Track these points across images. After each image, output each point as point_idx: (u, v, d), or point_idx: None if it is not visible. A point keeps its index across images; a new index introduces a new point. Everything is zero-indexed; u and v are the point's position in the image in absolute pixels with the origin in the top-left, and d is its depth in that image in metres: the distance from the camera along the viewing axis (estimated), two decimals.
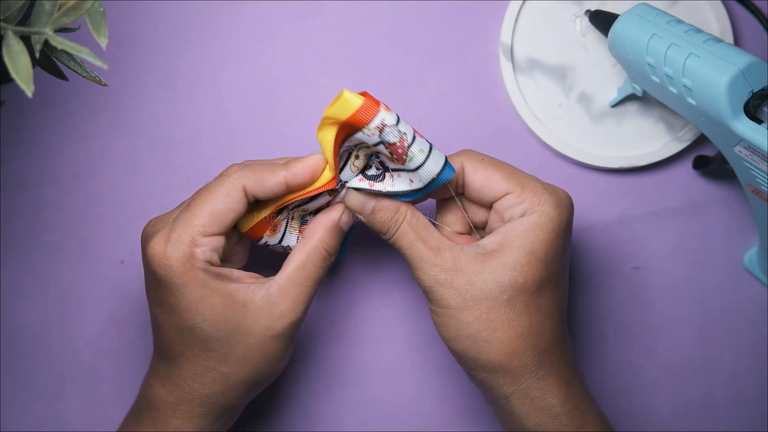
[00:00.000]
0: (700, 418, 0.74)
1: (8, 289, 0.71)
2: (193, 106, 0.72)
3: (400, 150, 0.58)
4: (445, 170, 0.59)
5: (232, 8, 0.72)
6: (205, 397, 0.60)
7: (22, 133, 0.71)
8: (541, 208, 0.60)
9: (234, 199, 0.59)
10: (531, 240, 0.59)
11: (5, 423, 0.71)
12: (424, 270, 0.60)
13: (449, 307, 0.59)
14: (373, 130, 0.58)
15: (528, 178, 0.61)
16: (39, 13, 0.50)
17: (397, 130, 0.58)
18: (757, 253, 0.73)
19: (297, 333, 0.62)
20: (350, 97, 0.57)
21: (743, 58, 0.59)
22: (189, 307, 0.58)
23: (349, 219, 0.62)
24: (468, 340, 0.59)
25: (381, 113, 0.57)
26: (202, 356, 0.60)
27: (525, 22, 0.72)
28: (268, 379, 0.62)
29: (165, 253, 0.58)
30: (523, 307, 0.59)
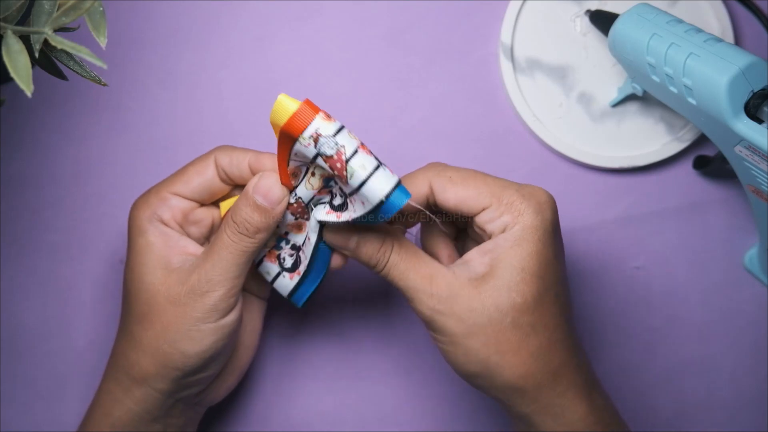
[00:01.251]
0: (700, 418, 0.74)
1: (8, 289, 0.71)
2: (193, 106, 0.72)
3: (338, 165, 0.54)
4: (395, 194, 0.54)
5: (232, 8, 0.72)
6: (119, 359, 0.61)
7: (21, 133, 0.71)
8: (522, 220, 0.58)
9: (203, 165, 0.61)
10: (520, 256, 0.57)
11: (5, 423, 0.71)
12: (421, 301, 0.58)
13: (454, 334, 0.58)
14: (307, 140, 0.54)
15: (502, 188, 0.59)
16: (38, 12, 0.50)
17: (334, 142, 0.54)
18: (757, 253, 0.73)
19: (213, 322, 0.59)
20: (285, 102, 0.54)
21: (743, 57, 0.59)
22: (128, 253, 0.61)
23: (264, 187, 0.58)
24: (478, 365, 0.58)
25: (317, 121, 0.54)
26: (124, 310, 0.61)
27: (525, 22, 0.72)
28: (171, 358, 0.59)
29: (135, 201, 0.62)
30: (529, 327, 0.58)
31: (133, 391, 0.61)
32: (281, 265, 0.63)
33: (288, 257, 0.62)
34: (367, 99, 0.72)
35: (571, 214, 0.73)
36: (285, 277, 0.63)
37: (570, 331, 0.60)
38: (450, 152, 0.72)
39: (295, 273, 0.62)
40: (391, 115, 0.72)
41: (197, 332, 0.59)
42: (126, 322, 0.61)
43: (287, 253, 0.62)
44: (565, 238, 0.73)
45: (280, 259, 0.62)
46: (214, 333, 0.59)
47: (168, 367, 0.59)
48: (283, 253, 0.62)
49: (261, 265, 0.63)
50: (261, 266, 0.63)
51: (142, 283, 0.60)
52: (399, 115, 0.72)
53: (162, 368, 0.60)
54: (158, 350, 0.59)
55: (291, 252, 0.62)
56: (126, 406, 0.61)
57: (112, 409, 0.62)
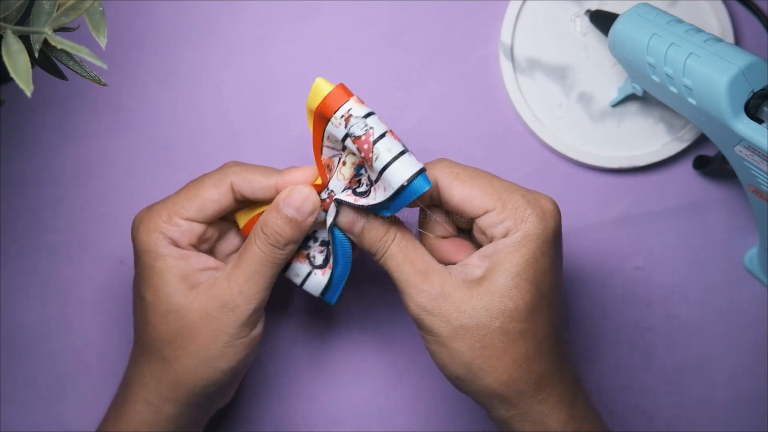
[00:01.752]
0: (700, 418, 0.74)
1: (8, 289, 0.71)
2: (193, 106, 0.72)
3: (366, 146, 0.56)
4: (418, 181, 0.55)
5: (232, 8, 0.72)
6: (149, 380, 0.60)
7: (21, 133, 0.71)
8: (524, 227, 0.57)
9: (219, 191, 0.60)
10: (517, 262, 0.57)
11: (5, 423, 0.71)
12: (411, 296, 0.58)
13: (439, 335, 0.57)
14: (339, 120, 0.56)
15: (509, 192, 0.58)
16: (38, 12, 0.50)
17: (364, 123, 0.56)
18: (757, 253, 0.73)
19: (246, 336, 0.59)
20: (321, 84, 0.57)
21: (744, 57, 0.59)
22: (143, 276, 0.60)
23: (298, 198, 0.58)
24: (462, 367, 0.58)
25: (350, 102, 0.56)
26: (148, 333, 0.60)
27: (525, 22, 0.72)
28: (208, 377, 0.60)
29: (140, 221, 0.60)
30: (518, 333, 0.57)
31: (166, 410, 0.61)
32: (312, 264, 0.62)
33: (318, 254, 0.62)
34: (367, 99, 0.72)
35: (571, 214, 0.73)
36: (317, 274, 0.62)
37: (557, 340, 0.59)
38: (450, 152, 0.72)
39: (327, 268, 0.62)
40: (391, 115, 0.72)
41: (231, 348, 0.59)
42: (153, 345, 0.60)
43: (317, 251, 0.62)
44: (565, 238, 0.73)
45: (310, 258, 0.62)
46: (247, 347, 0.60)
47: (204, 384, 0.60)
48: (312, 252, 0.62)
49: (289, 269, 0.62)
50: (289, 270, 0.62)
51: (170, 305, 0.59)
52: (399, 115, 0.72)
53: (198, 386, 0.60)
54: (195, 368, 0.59)
55: (321, 248, 0.62)
56: (158, 425, 0.61)
57: (142, 426, 0.61)
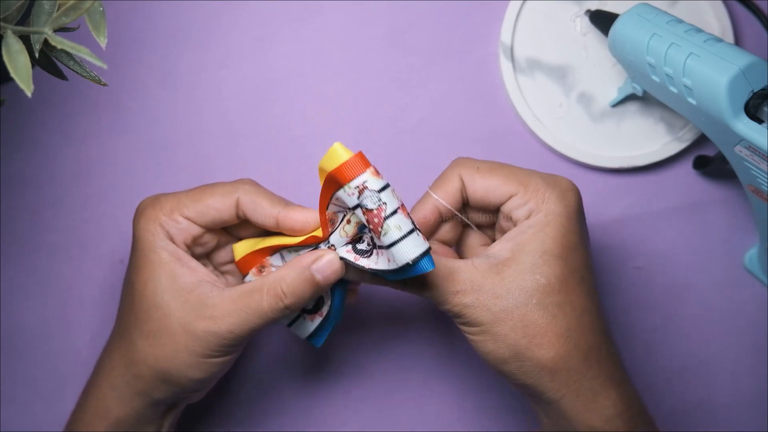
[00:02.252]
0: (700, 418, 0.74)
1: (8, 289, 0.71)
2: (193, 106, 0.72)
3: (376, 219, 0.55)
4: (423, 261, 0.55)
5: (232, 8, 0.72)
6: (118, 365, 0.61)
7: (21, 133, 0.71)
8: (546, 207, 0.59)
9: (224, 202, 0.60)
10: (542, 240, 0.58)
11: (5, 423, 0.71)
12: (449, 301, 0.58)
13: (482, 324, 0.58)
14: (353, 190, 0.55)
15: (528, 176, 0.61)
16: (38, 12, 0.50)
17: (378, 197, 0.55)
18: (757, 253, 0.73)
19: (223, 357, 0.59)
20: (339, 150, 0.56)
21: (743, 57, 0.59)
22: (137, 261, 0.61)
23: (326, 271, 0.58)
24: (508, 350, 0.58)
25: (366, 174, 0.55)
26: (129, 320, 0.60)
27: (525, 22, 0.72)
28: (177, 381, 0.60)
29: (144, 209, 0.61)
30: (557, 308, 0.58)
31: (132, 400, 0.61)
32: (303, 308, 0.61)
33: None
34: (367, 99, 0.72)
35: None
36: (305, 319, 0.62)
37: (599, 316, 0.60)
38: (450, 152, 0.72)
39: (317, 314, 0.62)
40: (391, 115, 0.72)
41: (205, 364, 0.59)
42: (129, 333, 0.61)
43: None
44: None
45: None
46: (220, 365, 0.60)
47: (171, 386, 0.60)
48: None
49: None
50: None
51: (155, 301, 0.59)
52: (399, 115, 0.72)
53: (165, 385, 0.60)
54: (164, 371, 0.59)
55: None
56: (123, 411, 0.61)
57: (107, 412, 0.62)
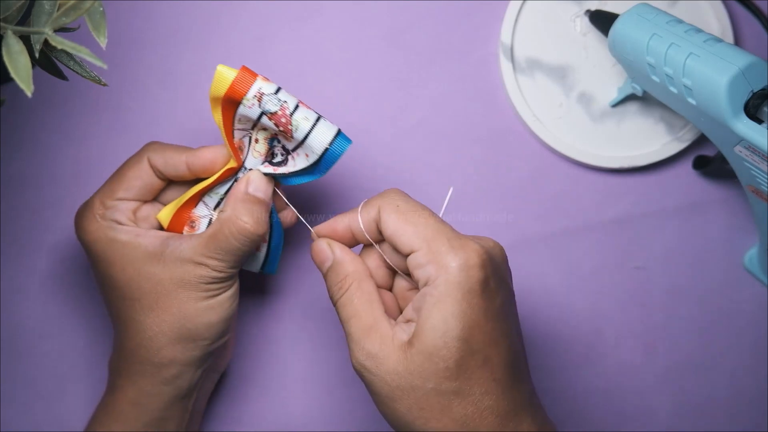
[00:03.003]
0: (700, 418, 0.74)
1: (8, 289, 0.71)
2: (193, 106, 0.72)
3: (283, 120, 0.58)
4: (338, 140, 0.59)
5: (232, 8, 0.72)
6: (134, 350, 0.61)
7: (22, 133, 0.71)
8: (445, 274, 0.54)
9: (139, 167, 0.62)
10: (442, 317, 0.54)
11: (5, 423, 0.71)
12: (353, 352, 0.56)
13: (379, 394, 0.55)
14: (251, 101, 0.58)
15: (437, 233, 0.55)
16: (38, 12, 0.50)
17: (277, 99, 0.58)
18: (757, 253, 0.73)
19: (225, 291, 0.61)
20: (224, 70, 0.58)
21: (743, 57, 0.59)
22: (103, 261, 0.61)
23: (262, 187, 0.61)
24: (404, 427, 0.55)
25: (258, 82, 0.58)
26: (124, 306, 0.61)
27: (525, 22, 0.72)
28: (197, 333, 0.61)
29: (79, 217, 0.62)
30: (453, 394, 0.54)
31: (163, 373, 0.61)
32: None
33: None
34: (367, 99, 0.72)
35: (571, 214, 0.73)
36: (253, 253, 0.63)
37: (503, 394, 0.55)
38: (450, 152, 0.72)
39: (261, 243, 0.64)
40: (391, 115, 0.72)
41: (216, 302, 0.61)
42: (129, 318, 0.61)
43: None
44: (565, 237, 0.73)
45: None
46: (231, 298, 0.62)
47: (196, 341, 0.61)
48: None
49: None
50: None
51: (140, 277, 0.60)
52: (399, 115, 0.72)
53: (190, 343, 0.61)
54: (181, 329, 0.60)
55: None
56: (156, 389, 0.62)
57: (139, 397, 0.62)
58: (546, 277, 0.73)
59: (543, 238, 0.73)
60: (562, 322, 0.73)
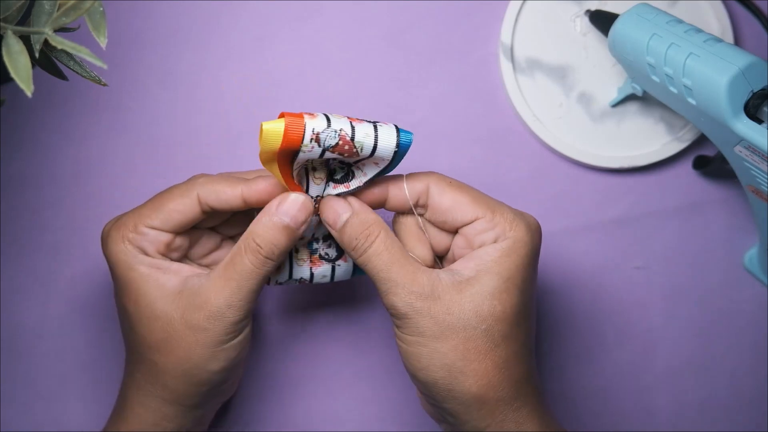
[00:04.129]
0: (700, 418, 0.74)
1: (8, 289, 0.71)
2: (193, 106, 0.72)
3: (346, 147, 0.56)
4: (402, 137, 0.57)
5: (232, 8, 0.72)
6: (144, 384, 0.61)
7: (22, 133, 0.71)
8: (514, 234, 0.58)
9: (185, 202, 0.60)
10: (507, 266, 0.58)
11: (5, 423, 0.71)
12: (400, 296, 0.57)
13: (423, 335, 0.57)
14: (310, 145, 0.55)
15: (497, 204, 0.59)
16: (38, 12, 0.50)
17: (333, 132, 0.55)
18: (757, 253, 0.73)
19: (233, 338, 0.59)
20: (271, 126, 0.55)
21: (743, 57, 0.59)
22: (120, 286, 0.61)
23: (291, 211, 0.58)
24: (441, 370, 0.57)
25: (308, 124, 0.55)
26: (133, 336, 0.60)
27: (525, 22, 0.72)
28: (200, 379, 0.60)
29: (108, 233, 0.61)
30: (501, 338, 0.57)
31: (165, 410, 0.61)
32: (329, 260, 0.62)
33: (328, 249, 0.62)
34: (367, 99, 0.72)
35: (571, 214, 0.73)
36: (341, 265, 0.62)
37: (531, 350, 0.60)
38: (450, 152, 0.72)
39: (344, 253, 0.62)
40: (391, 115, 0.72)
41: (221, 351, 0.59)
42: (141, 353, 0.61)
43: (325, 247, 0.62)
44: (565, 238, 0.73)
45: (324, 257, 0.62)
46: (236, 348, 0.60)
47: (197, 385, 0.60)
48: (322, 251, 0.62)
49: (314, 276, 0.62)
50: (315, 277, 0.62)
51: (153, 312, 0.59)
52: (399, 115, 0.72)
53: (191, 387, 0.60)
54: (186, 372, 0.59)
55: (327, 243, 0.62)
56: (159, 425, 0.61)
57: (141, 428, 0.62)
58: (546, 277, 0.73)
59: (543, 238, 0.73)
60: (562, 322, 0.73)
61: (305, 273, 0.62)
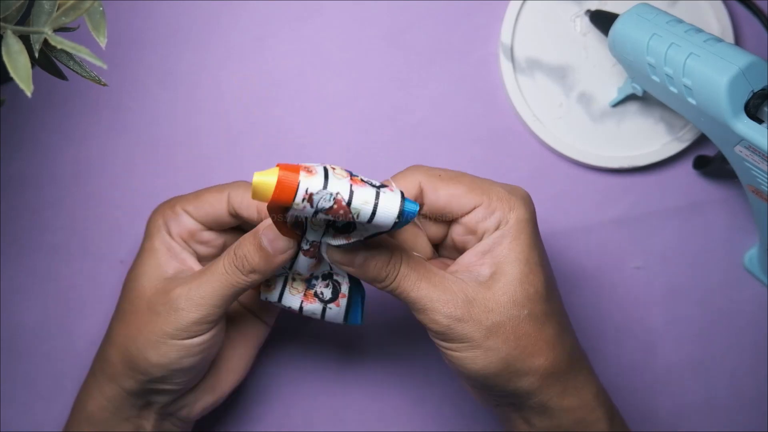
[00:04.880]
0: (700, 418, 0.74)
1: (8, 289, 0.71)
2: (193, 106, 0.72)
3: (341, 212, 0.52)
4: (406, 208, 0.52)
5: (232, 8, 0.72)
6: (99, 354, 0.63)
7: (21, 133, 0.71)
8: (515, 215, 0.58)
9: (217, 197, 0.62)
10: (521, 249, 0.58)
11: (5, 423, 0.71)
12: (437, 310, 0.57)
13: (473, 339, 0.57)
14: (302, 204, 0.51)
15: (490, 185, 0.59)
16: (38, 12, 0.50)
17: (329, 194, 0.51)
18: (757, 253, 0.73)
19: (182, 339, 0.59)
20: (262, 179, 0.50)
21: (743, 57, 0.59)
22: (139, 252, 0.63)
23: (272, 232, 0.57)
24: (500, 363, 0.58)
25: (302, 182, 0.51)
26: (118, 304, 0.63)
27: (525, 22, 0.72)
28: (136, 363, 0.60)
29: (157, 207, 0.64)
30: (544, 316, 0.58)
31: (104, 386, 0.62)
32: (322, 300, 0.61)
33: (325, 289, 0.61)
34: (367, 99, 0.72)
35: (571, 214, 0.73)
36: (332, 308, 0.61)
37: (567, 316, 0.62)
38: (450, 152, 0.72)
39: (339, 298, 0.61)
40: (391, 115, 0.72)
41: (163, 345, 0.59)
42: (113, 318, 0.63)
43: (322, 287, 0.61)
44: (565, 238, 0.73)
45: (318, 295, 0.61)
46: (180, 350, 0.60)
47: (132, 369, 0.61)
48: (318, 289, 0.61)
49: (303, 310, 0.62)
50: (304, 311, 0.62)
51: (134, 283, 0.62)
52: (399, 115, 0.72)
53: (127, 369, 0.61)
54: (127, 350, 0.60)
55: (325, 283, 0.61)
56: (98, 401, 0.62)
57: (86, 402, 0.63)
58: None
59: (543, 238, 0.73)
60: None
61: (295, 303, 0.62)
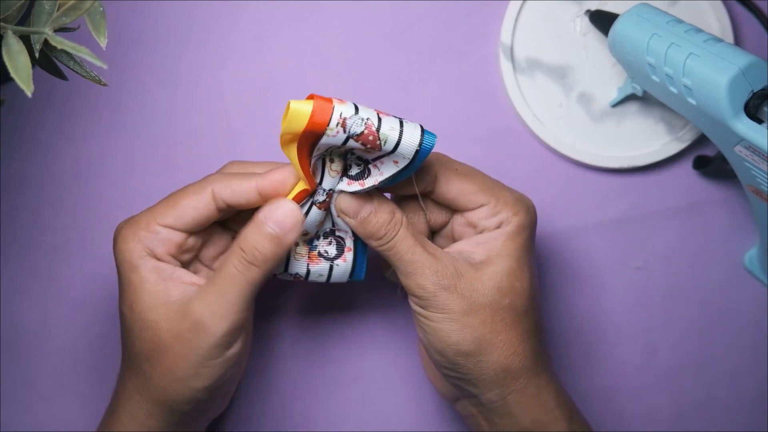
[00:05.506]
0: (700, 418, 0.74)
1: (8, 289, 0.71)
2: (193, 106, 0.72)
3: (371, 137, 0.56)
4: (425, 139, 0.57)
5: (232, 8, 0.72)
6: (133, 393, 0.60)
7: (22, 133, 0.71)
8: (517, 219, 0.61)
9: (200, 198, 0.59)
10: (515, 248, 0.61)
11: (5, 423, 0.71)
12: (426, 276, 0.59)
13: (453, 311, 0.59)
14: (336, 129, 0.55)
15: (500, 188, 0.62)
16: (39, 12, 0.50)
17: (360, 119, 0.55)
18: (757, 253, 0.73)
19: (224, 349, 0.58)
20: (299, 106, 0.54)
21: (743, 57, 0.59)
22: (121, 285, 0.60)
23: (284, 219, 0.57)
24: (472, 343, 0.59)
25: (336, 108, 0.55)
26: (128, 347, 0.60)
27: (525, 22, 0.72)
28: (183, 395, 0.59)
29: (119, 231, 0.60)
30: (523, 311, 0.61)
31: (150, 424, 0.60)
32: (328, 258, 0.62)
33: (328, 247, 0.62)
34: (367, 99, 0.72)
35: (571, 214, 0.73)
36: (339, 265, 0.62)
37: (542, 322, 0.64)
38: (450, 152, 0.72)
39: (345, 252, 0.62)
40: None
41: (204, 368, 0.58)
42: (132, 360, 0.60)
43: (325, 245, 0.62)
44: (566, 238, 0.74)
45: (323, 255, 0.62)
46: (221, 367, 0.59)
47: (179, 402, 0.59)
48: (321, 248, 0.62)
49: (310, 273, 0.62)
50: (311, 274, 0.62)
51: (144, 321, 0.58)
52: (399, 115, 0.72)
53: (174, 403, 0.59)
54: (169, 386, 0.58)
55: (327, 241, 0.62)
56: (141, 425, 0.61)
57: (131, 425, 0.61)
58: (546, 276, 0.73)
59: (543, 238, 0.73)
60: (562, 322, 0.73)
61: (301, 269, 0.62)
